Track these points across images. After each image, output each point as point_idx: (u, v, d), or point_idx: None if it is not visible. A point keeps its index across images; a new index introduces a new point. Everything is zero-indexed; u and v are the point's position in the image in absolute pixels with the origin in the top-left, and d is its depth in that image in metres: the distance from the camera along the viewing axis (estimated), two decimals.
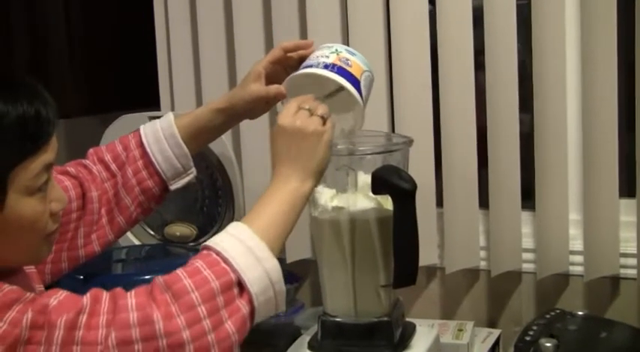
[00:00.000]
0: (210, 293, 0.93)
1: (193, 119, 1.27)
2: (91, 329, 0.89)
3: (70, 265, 1.23)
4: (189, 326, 0.91)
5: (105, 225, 1.25)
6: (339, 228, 1.27)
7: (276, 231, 1.03)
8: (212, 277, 0.94)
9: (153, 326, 0.90)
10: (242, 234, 1.00)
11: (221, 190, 1.69)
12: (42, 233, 0.99)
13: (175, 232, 1.70)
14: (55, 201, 1.00)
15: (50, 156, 0.97)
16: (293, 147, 1.09)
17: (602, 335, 1.31)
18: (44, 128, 0.95)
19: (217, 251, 0.97)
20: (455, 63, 1.60)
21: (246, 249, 0.98)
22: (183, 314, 0.91)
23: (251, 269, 0.97)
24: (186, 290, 0.92)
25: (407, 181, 1.20)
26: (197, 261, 0.97)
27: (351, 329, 1.29)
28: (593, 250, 1.55)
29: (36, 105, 0.93)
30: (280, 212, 1.05)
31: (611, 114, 1.51)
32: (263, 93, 1.23)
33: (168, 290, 0.93)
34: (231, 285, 0.95)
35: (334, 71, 1.16)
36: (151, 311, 0.90)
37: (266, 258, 0.99)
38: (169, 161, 1.26)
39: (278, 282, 1.00)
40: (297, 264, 1.77)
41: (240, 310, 0.95)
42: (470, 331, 1.57)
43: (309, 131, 1.10)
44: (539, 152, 1.57)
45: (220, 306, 0.94)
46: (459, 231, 1.65)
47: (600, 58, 1.50)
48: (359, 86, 1.17)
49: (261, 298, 0.97)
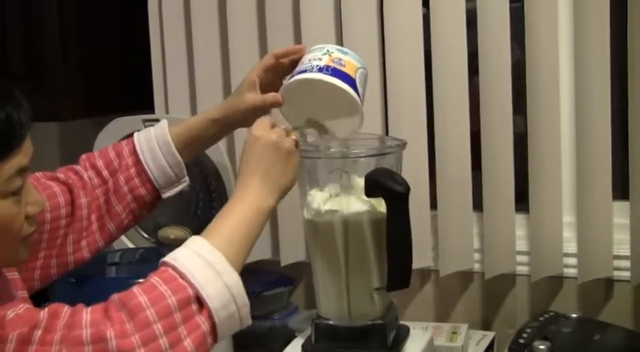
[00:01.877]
0: (167, 309, 0.91)
1: (187, 128, 1.27)
2: (45, 344, 0.88)
3: (60, 271, 1.22)
4: (144, 345, 0.88)
5: (95, 231, 1.24)
6: (333, 230, 1.27)
7: (238, 246, 1.01)
8: (169, 293, 0.92)
9: (106, 344, 0.87)
10: (201, 248, 0.98)
11: (215, 193, 1.69)
12: (17, 236, 0.97)
13: (169, 235, 1.69)
14: (32, 204, 0.98)
15: (23, 160, 0.95)
16: (265, 160, 1.09)
17: (596, 337, 1.32)
18: (16, 131, 0.93)
19: (174, 266, 0.95)
20: (449, 66, 1.60)
21: (205, 262, 0.96)
22: (138, 332, 0.89)
23: (210, 284, 0.94)
24: (142, 307, 0.90)
25: (400, 184, 1.21)
26: (153, 278, 0.94)
27: (344, 332, 1.29)
28: (587, 252, 1.55)
29: (7, 108, 0.92)
30: (243, 227, 1.03)
31: (605, 116, 1.51)
32: (259, 103, 1.22)
33: (123, 308, 0.91)
34: (189, 301, 0.93)
35: (329, 73, 1.16)
36: (104, 328, 0.88)
37: (226, 271, 0.96)
38: (162, 169, 1.25)
39: (240, 296, 0.97)
40: (291, 266, 1.77)
41: (199, 327, 0.93)
42: (464, 333, 1.57)
43: (285, 147, 1.11)
44: (532, 155, 1.58)
45: (178, 323, 0.91)
46: (453, 234, 1.65)
47: (593, 61, 1.50)
48: (355, 85, 1.17)
49: (222, 313, 0.95)
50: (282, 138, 1.11)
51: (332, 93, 1.17)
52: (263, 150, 1.09)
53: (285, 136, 1.12)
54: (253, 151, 1.10)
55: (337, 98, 1.17)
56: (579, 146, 1.54)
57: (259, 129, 1.12)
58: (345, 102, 1.18)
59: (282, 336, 1.59)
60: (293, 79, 1.19)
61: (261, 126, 1.12)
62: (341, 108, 1.18)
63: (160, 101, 1.82)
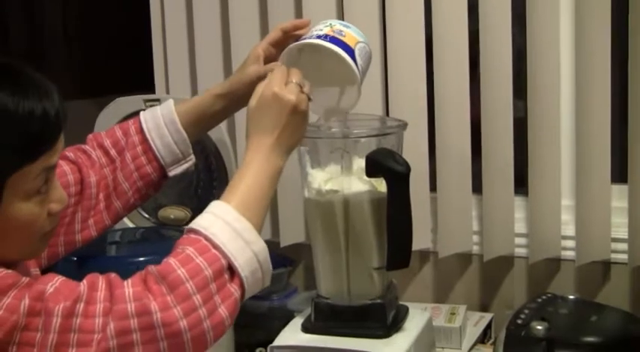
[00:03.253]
0: (204, 281, 0.94)
1: (194, 105, 1.27)
2: (89, 317, 0.90)
3: (67, 249, 1.23)
4: (186, 316, 0.92)
5: (102, 210, 1.25)
6: (333, 210, 1.27)
7: (259, 211, 1.04)
8: (205, 265, 0.94)
9: (150, 317, 0.90)
10: (228, 216, 0.99)
11: (216, 173, 1.69)
12: (38, 234, 0.98)
13: (170, 215, 1.70)
14: (55, 202, 0.99)
15: (55, 159, 0.95)
16: (283, 120, 1.08)
17: (593, 318, 1.33)
18: (50, 131, 0.93)
19: (206, 236, 0.97)
20: (450, 48, 1.60)
21: (234, 232, 0.98)
22: (180, 304, 0.91)
23: (241, 254, 0.97)
24: (181, 280, 0.93)
25: (401, 164, 1.21)
26: (187, 248, 0.96)
27: (344, 311, 1.30)
28: (585, 235, 1.56)
29: (44, 103, 0.91)
30: (261, 189, 1.05)
31: (604, 100, 1.51)
32: (261, 73, 1.22)
33: (163, 281, 0.93)
34: (222, 271, 0.96)
35: (327, 40, 1.16)
36: (148, 302, 0.91)
37: (254, 240, 0.99)
38: (169, 147, 1.26)
39: (265, 262, 1.01)
40: (291, 247, 1.78)
41: (232, 294, 0.96)
42: (462, 315, 1.58)
43: (302, 108, 1.10)
44: (532, 138, 1.58)
45: (213, 293, 0.94)
46: (453, 216, 1.66)
47: (594, 44, 1.50)
48: (353, 55, 1.17)
49: (251, 280, 0.98)
50: (299, 98, 1.10)
51: (331, 62, 1.17)
52: (281, 111, 1.08)
53: (300, 94, 1.10)
54: (271, 110, 1.09)
55: (336, 67, 1.17)
56: (579, 130, 1.55)
57: (277, 84, 1.10)
58: (344, 72, 1.17)
59: (281, 317, 1.60)
60: (292, 44, 1.19)
61: (277, 83, 1.10)
62: (340, 78, 1.18)
63: (161, 81, 1.82)
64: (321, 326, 1.30)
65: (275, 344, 1.29)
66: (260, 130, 1.09)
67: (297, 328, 1.32)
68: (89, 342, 0.89)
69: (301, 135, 1.13)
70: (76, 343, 0.89)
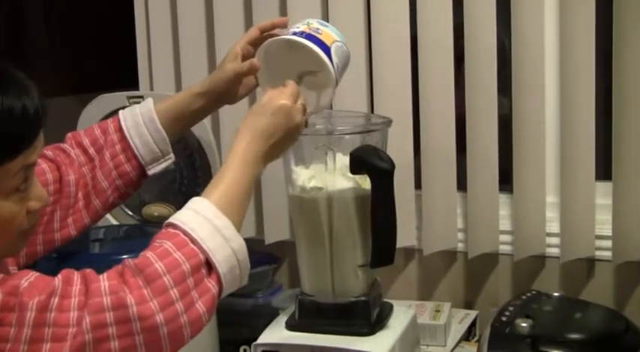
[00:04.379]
0: (182, 275, 0.93)
1: (173, 104, 1.27)
2: (63, 311, 0.89)
3: (46, 248, 1.22)
4: (163, 310, 0.91)
5: (81, 208, 1.24)
6: (317, 207, 1.27)
7: (239, 210, 1.03)
8: (182, 259, 0.94)
9: (126, 310, 0.90)
10: (208, 213, 0.99)
11: (200, 171, 1.69)
12: (17, 231, 0.97)
13: (153, 212, 1.69)
14: (34, 199, 0.98)
15: (34, 157, 0.94)
16: (282, 133, 1.09)
17: (577, 315, 1.33)
18: (30, 128, 0.92)
19: (185, 230, 0.97)
20: (434, 45, 1.60)
21: (214, 228, 0.98)
22: (156, 298, 0.91)
23: (220, 250, 0.97)
24: (158, 273, 0.92)
25: (385, 161, 1.21)
26: (165, 242, 0.96)
27: (328, 308, 1.30)
28: (570, 232, 1.56)
29: (24, 101, 0.89)
30: (243, 189, 1.04)
31: (589, 98, 1.52)
32: (238, 70, 1.22)
33: (139, 274, 0.92)
34: (200, 266, 0.95)
35: (302, 37, 1.16)
36: (124, 295, 0.90)
37: (233, 237, 0.99)
38: (148, 146, 1.25)
39: (243, 260, 1.00)
40: (276, 245, 1.77)
41: (210, 290, 0.96)
42: (447, 312, 1.58)
43: (300, 131, 1.12)
44: (517, 135, 1.58)
45: (191, 287, 0.94)
46: (437, 213, 1.66)
47: (578, 42, 1.51)
48: (329, 52, 1.16)
49: (229, 276, 0.98)
50: (302, 122, 1.12)
51: (306, 59, 1.16)
52: (285, 125, 1.09)
53: (303, 116, 1.13)
54: (278, 120, 1.09)
55: (312, 65, 1.16)
56: (563, 127, 1.55)
57: (290, 99, 1.11)
58: (320, 71, 1.16)
59: (266, 314, 1.59)
60: (268, 40, 1.19)
61: (292, 97, 1.11)
62: (317, 78, 1.18)
63: (145, 78, 1.81)
64: (305, 323, 1.30)
65: (259, 341, 1.28)
66: (256, 133, 1.08)
67: (282, 325, 1.32)
68: (64, 336, 0.88)
69: (285, 151, 1.15)
70: (50, 337, 0.88)
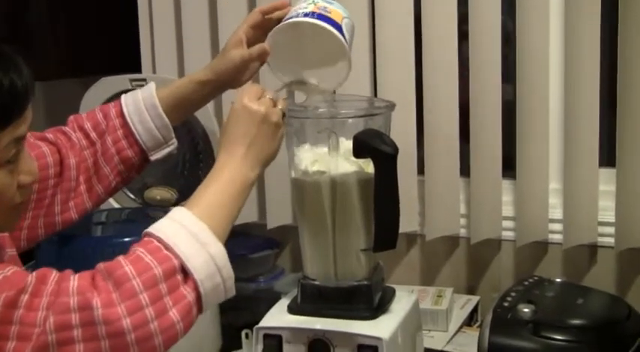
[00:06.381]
0: (153, 280, 0.90)
1: (175, 90, 1.26)
2: (32, 310, 0.87)
3: (47, 231, 1.22)
4: (130, 314, 0.88)
5: (83, 192, 1.23)
6: (320, 191, 1.26)
7: (221, 217, 1.00)
8: (154, 263, 0.91)
9: (92, 313, 0.87)
10: (185, 220, 0.97)
11: (202, 155, 1.69)
12: (8, 204, 0.96)
13: (155, 196, 1.69)
14: (25, 173, 0.97)
15: (23, 129, 0.94)
16: (252, 131, 1.07)
17: (579, 301, 1.33)
18: (18, 101, 0.92)
19: (159, 237, 0.94)
20: (438, 30, 1.59)
21: (190, 234, 0.95)
22: (124, 302, 0.88)
23: (195, 256, 0.94)
24: (128, 277, 0.89)
25: (389, 145, 1.20)
26: (138, 249, 0.94)
27: (330, 292, 1.29)
28: (572, 219, 1.56)
29: (11, 76, 0.89)
30: (226, 198, 1.02)
31: (593, 84, 1.51)
32: (247, 57, 1.21)
33: (109, 277, 0.90)
34: (174, 271, 0.92)
35: (315, 18, 1.15)
36: (91, 296, 0.87)
37: (210, 242, 0.96)
38: (150, 132, 1.25)
39: (225, 267, 0.96)
40: (278, 230, 1.77)
41: (185, 297, 0.92)
42: (449, 297, 1.58)
43: (273, 120, 1.09)
44: (520, 121, 1.58)
45: (163, 293, 0.91)
46: (440, 199, 1.66)
47: (583, 28, 1.50)
48: (342, 30, 1.16)
49: (208, 284, 0.94)
50: (270, 111, 1.09)
51: (319, 40, 1.16)
52: (250, 122, 1.07)
53: (272, 107, 1.10)
54: (240, 122, 1.08)
55: (324, 44, 1.16)
56: (567, 114, 1.55)
57: (247, 97, 1.09)
58: (333, 49, 1.16)
59: (268, 299, 1.59)
60: (278, 25, 1.18)
61: (249, 95, 1.09)
62: (328, 55, 1.17)
63: (147, 61, 1.81)
64: (307, 307, 1.29)
65: (261, 325, 1.28)
66: (230, 141, 1.07)
67: (284, 309, 1.31)
68: (29, 336, 0.86)
69: (275, 148, 1.11)
70: (16, 336, 0.86)
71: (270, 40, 1.19)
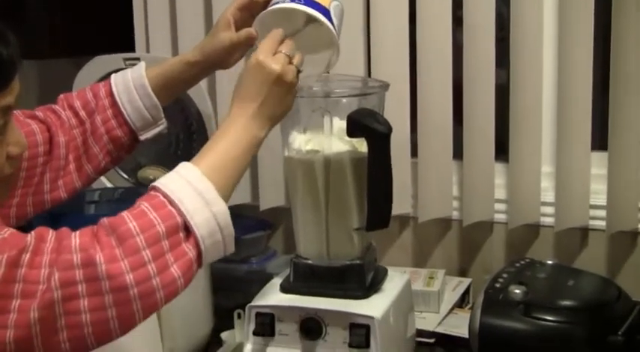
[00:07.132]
0: (156, 236, 0.91)
1: (164, 70, 1.26)
2: (34, 267, 0.88)
3: (36, 210, 1.21)
4: (133, 270, 0.89)
5: (72, 171, 1.23)
6: (314, 170, 1.26)
7: (227, 176, 1.01)
8: (158, 220, 0.92)
9: (95, 268, 0.88)
10: (191, 176, 0.97)
11: (196, 134, 1.68)
12: None
13: (149, 176, 1.68)
14: (14, 144, 0.97)
15: (10, 99, 0.94)
16: (265, 90, 1.06)
17: (570, 283, 1.33)
18: (5, 70, 0.92)
19: (164, 193, 0.95)
20: (433, 13, 1.59)
21: (195, 191, 0.96)
22: (127, 257, 0.89)
23: (198, 213, 0.94)
24: (131, 233, 0.90)
25: (382, 124, 1.21)
26: (143, 203, 0.94)
27: (323, 271, 1.30)
28: (564, 202, 1.57)
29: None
30: (235, 156, 1.03)
31: (586, 68, 1.51)
32: (235, 40, 1.20)
33: (113, 233, 0.90)
34: (177, 229, 0.93)
35: (301, 3, 1.14)
36: (94, 252, 0.88)
37: (214, 201, 0.96)
38: (139, 111, 1.24)
39: (226, 226, 0.97)
40: (271, 211, 1.77)
41: (186, 254, 0.93)
42: (441, 279, 1.59)
43: (287, 79, 1.08)
44: (513, 104, 1.58)
45: (166, 250, 0.92)
46: (433, 181, 1.66)
47: (577, 12, 1.50)
48: (330, 16, 1.15)
49: (208, 241, 0.95)
50: (285, 69, 1.07)
51: (306, 25, 1.15)
52: (264, 80, 1.06)
53: (288, 65, 1.08)
54: (256, 78, 1.07)
55: (312, 30, 1.15)
56: (560, 97, 1.55)
57: (263, 53, 1.08)
58: (320, 34, 1.15)
59: (260, 280, 1.59)
60: (265, 10, 1.17)
61: (266, 52, 1.08)
62: (317, 40, 1.16)
63: (141, 40, 1.80)
64: (299, 286, 1.30)
65: (253, 303, 1.28)
66: (242, 98, 1.07)
67: (276, 288, 1.32)
68: (33, 293, 0.87)
69: (287, 107, 1.11)
70: (20, 293, 0.87)
71: (256, 24, 1.18)
